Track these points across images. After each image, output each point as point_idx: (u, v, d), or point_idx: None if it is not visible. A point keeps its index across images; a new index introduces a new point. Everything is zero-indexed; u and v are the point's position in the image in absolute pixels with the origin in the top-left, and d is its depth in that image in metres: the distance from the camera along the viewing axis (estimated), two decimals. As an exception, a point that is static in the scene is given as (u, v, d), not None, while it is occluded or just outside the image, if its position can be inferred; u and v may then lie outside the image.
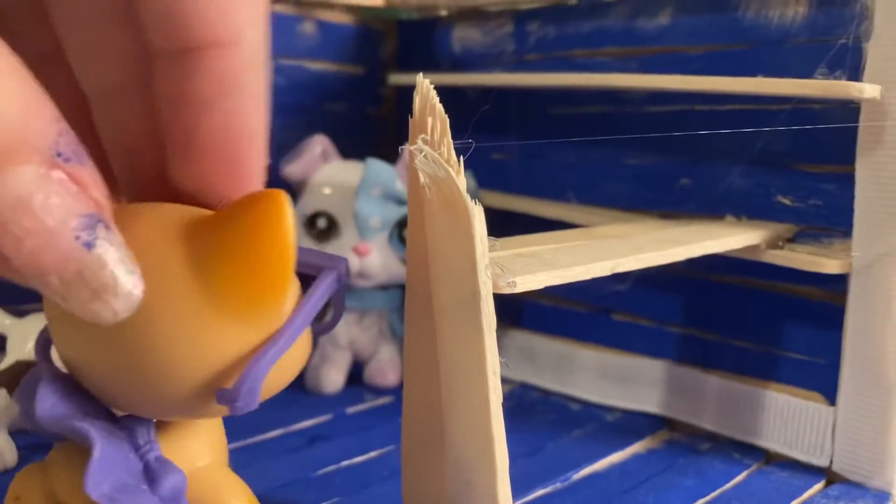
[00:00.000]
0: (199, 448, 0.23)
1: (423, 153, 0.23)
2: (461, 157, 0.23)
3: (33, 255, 0.16)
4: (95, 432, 0.20)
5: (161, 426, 0.22)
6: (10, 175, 0.15)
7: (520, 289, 0.23)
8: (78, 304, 0.17)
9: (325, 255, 0.22)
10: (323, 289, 0.22)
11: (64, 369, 0.21)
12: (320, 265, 0.22)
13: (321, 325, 0.23)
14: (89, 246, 0.17)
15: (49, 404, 0.20)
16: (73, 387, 0.21)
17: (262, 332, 0.20)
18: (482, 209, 0.22)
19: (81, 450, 0.20)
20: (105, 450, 0.20)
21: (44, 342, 0.22)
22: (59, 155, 0.16)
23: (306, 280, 0.22)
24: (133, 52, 0.20)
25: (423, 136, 0.23)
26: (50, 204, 0.16)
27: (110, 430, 0.21)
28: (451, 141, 0.23)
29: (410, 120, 0.24)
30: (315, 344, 0.23)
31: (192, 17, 0.18)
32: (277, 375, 0.21)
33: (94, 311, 0.17)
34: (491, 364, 0.23)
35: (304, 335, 0.21)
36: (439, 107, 0.24)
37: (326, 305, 0.22)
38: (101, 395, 0.21)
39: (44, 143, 0.16)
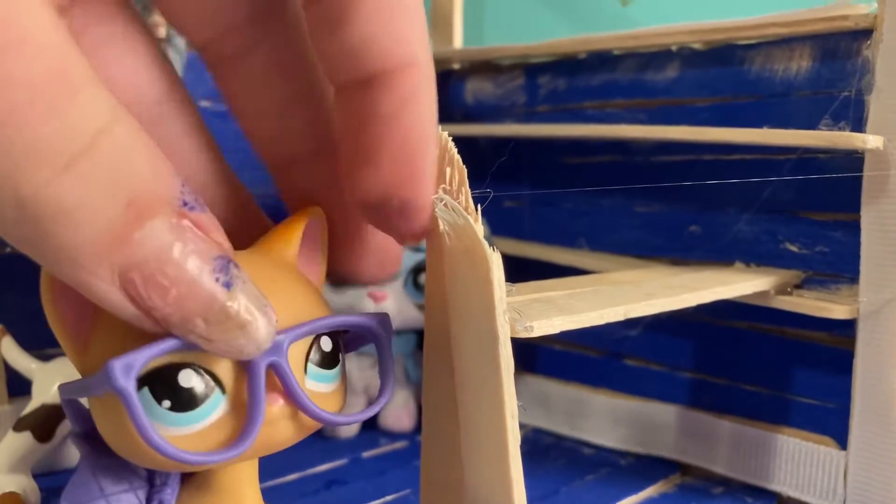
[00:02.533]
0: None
1: (444, 202, 0.24)
2: (478, 206, 0.24)
3: (179, 302, 0.17)
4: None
5: (194, 483, 0.23)
6: (149, 228, 0.16)
7: (536, 333, 0.24)
8: (223, 344, 0.18)
9: (368, 313, 0.25)
10: (355, 317, 0.24)
11: None
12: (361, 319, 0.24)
13: (375, 403, 0.25)
14: (228, 286, 0.17)
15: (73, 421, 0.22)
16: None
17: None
18: (500, 256, 0.23)
19: None
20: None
21: (70, 403, 0.23)
22: (185, 204, 0.17)
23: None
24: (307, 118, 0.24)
25: (443, 185, 0.24)
26: (187, 251, 0.17)
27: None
28: (469, 190, 0.24)
29: (429, 170, 0.25)
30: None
31: (375, 49, 0.21)
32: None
33: (240, 347, 0.18)
34: (509, 407, 0.23)
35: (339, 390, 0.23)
36: (457, 157, 0.25)
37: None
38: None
39: (171, 195, 0.17)
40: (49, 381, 0.36)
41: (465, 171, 0.24)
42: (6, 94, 0.14)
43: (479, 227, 0.23)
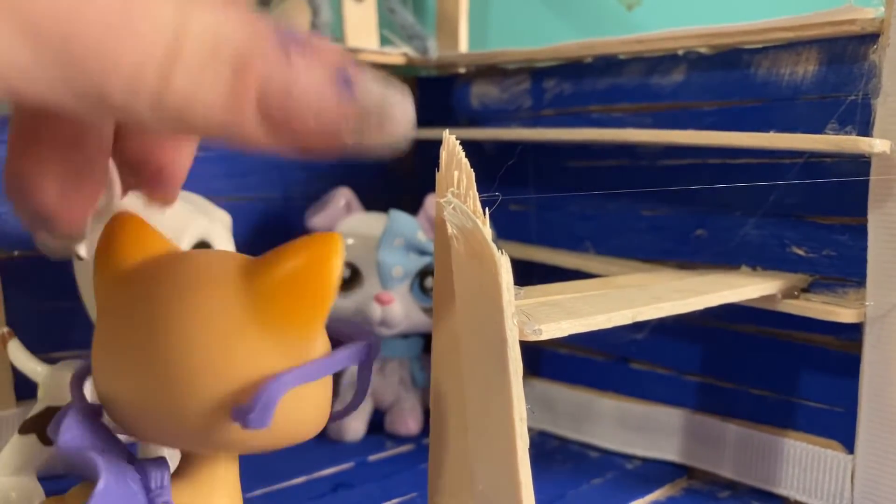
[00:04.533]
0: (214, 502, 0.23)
1: (452, 205, 0.24)
2: (486, 209, 0.24)
3: (319, 118, 0.18)
4: (105, 465, 0.21)
5: (177, 475, 0.23)
6: (267, 75, 0.18)
7: (545, 336, 0.24)
8: (376, 141, 0.19)
9: (362, 329, 0.24)
10: (352, 350, 0.23)
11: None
12: (353, 334, 0.24)
13: (344, 409, 0.25)
14: (351, 91, 0.19)
15: (70, 435, 0.21)
16: (98, 424, 0.22)
17: (289, 358, 0.21)
18: (508, 259, 0.23)
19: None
20: (111, 484, 0.20)
21: (79, 378, 0.23)
22: (285, 41, 0.18)
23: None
24: None
25: (451, 189, 0.24)
26: (307, 75, 0.18)
27: (124, 468, 0.21)
28: (477, 193, 0.24)
29: (437, 173, 0.25)
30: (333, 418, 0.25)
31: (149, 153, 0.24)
32: (295, 421, 0.22)
33: (390, 139, 0.20)
34: (517, 410, 0.23)
35: (322, 400, 0.23)
36: (465, 161, 0.25)
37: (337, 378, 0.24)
38: (128, 425, 0.22)
39: (270, 43, 0.18)
40: (55, 384, 0.36)
41: (473, 174, 0.25)
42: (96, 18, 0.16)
43: (488, 231, 0.23)
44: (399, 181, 0.54)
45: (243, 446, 0.22)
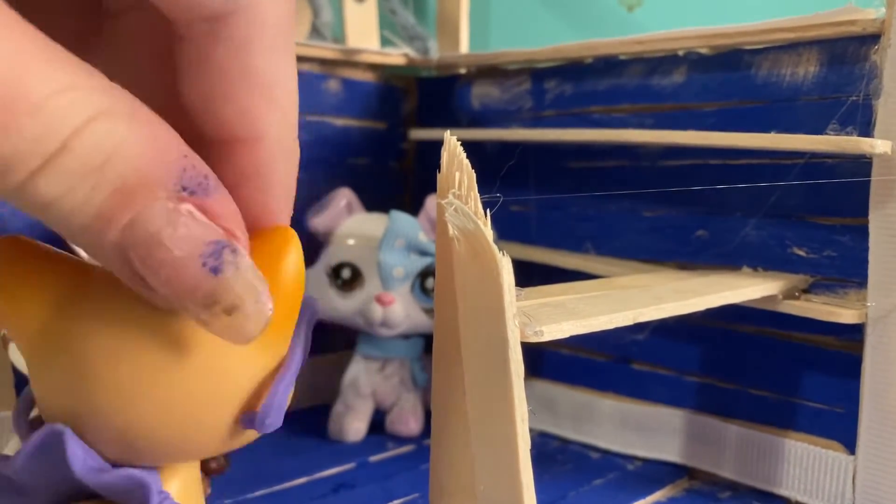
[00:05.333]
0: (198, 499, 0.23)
1: (453, 206, 0.24)
2: (487, 210, 0.24)
3: (169, 283, 0.18)
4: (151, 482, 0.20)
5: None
6: (142, 214, 0.17)
7: (546, 337, 0.24)
8: (216, 327, 0.19)
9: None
10: (305, 323, 0.23)
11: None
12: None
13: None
14: (216, 271, 0.18)
15: (82, 458, 0.20)
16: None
17: (276, 357, 0.21)
18: (510, 260, 0.23)
19: None
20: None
21: (25, 408, 0.22)
22: (184, 189, 0.18)
23: None
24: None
25: (453, 190, 0.24)
26: (177, 236, 0.17)
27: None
28: (478, 194, 0.24)
29: (438, 174, 0.25)
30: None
31: (212, 114, 0.20)
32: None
33: (232, 331, 0.19)
34: (519, 411, 0.23)
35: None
36: (466, 162, 0.25)
37: None
38: (113, 452, 0.21)
39: (169, 180, 0.18)
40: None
41: (474, 175, 0.25)
42: None
43: (489, 232, 0.23)
44: (399, 181, 0.54)
45: (242, 444, 0.22)
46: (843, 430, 0.36)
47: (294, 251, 0.21)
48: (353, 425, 0.44)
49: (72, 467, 0.20)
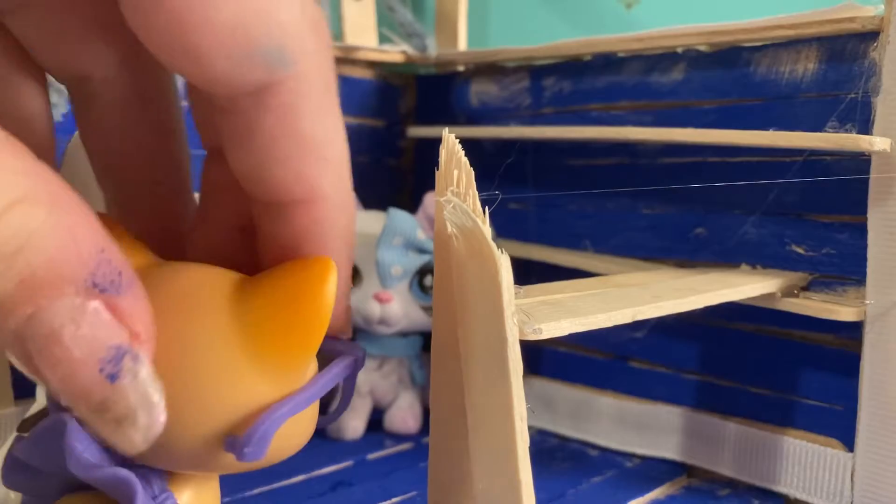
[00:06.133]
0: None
1: (452, 204, 0.24)
2: (486, 208, 0.24)
3: (63, 382, 0.17)
4: (137, 482, 0.20)
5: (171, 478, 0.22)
6: (46, 309, 0.16)
7: (545, 336, 0.24)
8: (103, 431, 0.18)
9: (346, 343, 0.24)
10: (341, 367, 0.23)
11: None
12: (340, 350, 0.24)
13: (327, 417, 0.25)
14: (113, 378, 0.17)
15: (80, 450, 0.20)
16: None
17: (281, 390, 0.21)
18: (508, 258, 0.23)
19: (99, 499, 0.21)
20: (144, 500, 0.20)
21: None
22: (95, 285, 0.17)
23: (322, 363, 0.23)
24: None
25: (451, 188, 0.24)
26: (79, 335, 0.17)
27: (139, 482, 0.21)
28: (477, 192, 0.24)
29: (436, 172, 0.25)
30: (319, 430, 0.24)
31: (268, 179, 0.21)
32: (284, 440, 0.21)
33: (118, 439, 0.18)
34: (518, 409, 0.23)
35: (311, 416, 0.22)
36: (465, 159, 0.25)
37: (332, 393, 0.23)
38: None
39: (80, 275, 0.17)
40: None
41: (472, 173, 0.24)
42: None
43: (488, 230, 0.23)
44: (397, 179, 0.54)
45: (235, 469, 0.21)
46: (841, 428, 0.36)
47: (327, 284, 0.20)
48: (352, 423, 0.44)
49: (66, 459, 0.20)
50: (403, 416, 0.45)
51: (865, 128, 0.33)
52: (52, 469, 0.21)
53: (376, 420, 0.45)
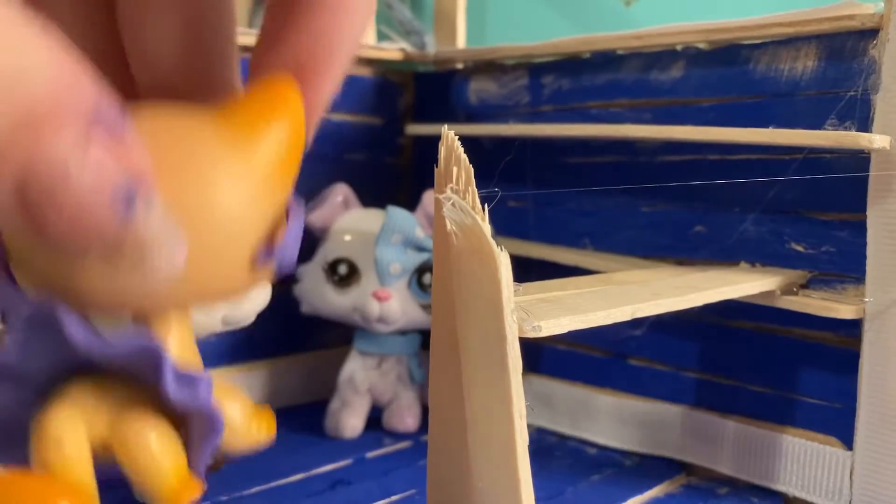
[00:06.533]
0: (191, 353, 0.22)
1: (451, 201, 0.24)
2: (485, 206, 0.24)
3: (73, 224, 0.16)
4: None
5: None
6: (48, 145, 0.15)
7: (544, 333, 0.24)
8: (119, 278, 0.17)
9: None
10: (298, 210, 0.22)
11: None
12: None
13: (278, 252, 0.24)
14: (126, 212, 0.16)
15: (84, 334, 0.19)
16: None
17: (276, 205, 0.20)
18: (507, 256, 0.23)
19: (105, 379, 0.20)
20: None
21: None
22: (98, 122, 0.16)
23: None
24: None
25: (451, 185, 0.24)
26: (87, 168, 0.15)
27: None
28: (476, 190, 0.24)
29: (436, 169, 0.25)
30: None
31: None
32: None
33: (137, 282, 0.17)
34: (517, 407, 0.23)
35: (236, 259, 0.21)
36: (464, 157, 0.25)
37: None
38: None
39: (81, 108, 0.16)
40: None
41: (472, 170, 0.24)
42: None
43: (487, 227, 0.23)
44: (396, 177, 0.54)
45: (254, 287, 0.21)
46: (840, 426, 0.35)
47: (297, 98, 0.20)
48: (350, 422, 0.44)
49: (76, 345, 0.19)
50: (402, 414, 0.44)
51: (865, 125, 0.33)
52: (43, 364, 0.20)
53: (375, 418, 0.45)
